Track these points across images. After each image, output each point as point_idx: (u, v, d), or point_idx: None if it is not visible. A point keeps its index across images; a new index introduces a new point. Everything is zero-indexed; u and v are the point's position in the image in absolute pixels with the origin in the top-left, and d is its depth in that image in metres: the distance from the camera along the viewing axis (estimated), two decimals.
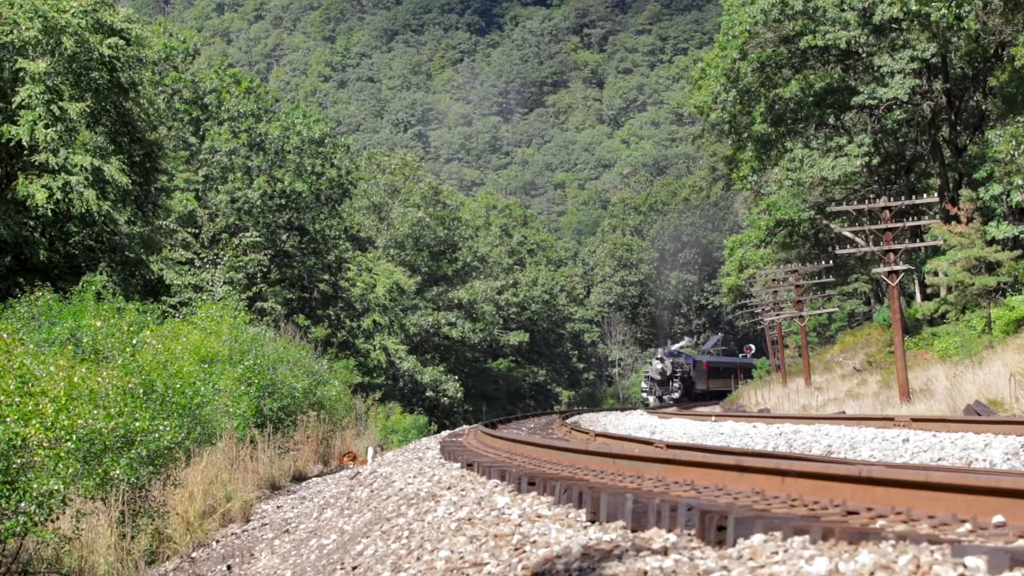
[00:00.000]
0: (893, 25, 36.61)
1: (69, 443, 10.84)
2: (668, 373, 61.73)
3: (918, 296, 42.44)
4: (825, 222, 43.21)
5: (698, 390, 62.17)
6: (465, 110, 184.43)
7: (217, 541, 14.19)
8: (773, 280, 45.51)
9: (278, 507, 16.80)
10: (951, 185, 38.74)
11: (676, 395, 60.75)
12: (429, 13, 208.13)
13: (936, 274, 35.76)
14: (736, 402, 43.92)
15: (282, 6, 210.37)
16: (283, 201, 45.25)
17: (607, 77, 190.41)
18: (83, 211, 24.60)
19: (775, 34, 39.76)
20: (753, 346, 77.79)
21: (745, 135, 42.79)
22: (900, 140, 40.85)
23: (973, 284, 31.75)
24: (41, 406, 10.70)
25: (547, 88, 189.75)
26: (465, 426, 31.26)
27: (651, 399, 61.88)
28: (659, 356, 64.28)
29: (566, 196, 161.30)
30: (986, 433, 13.89)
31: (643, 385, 64.62)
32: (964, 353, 27.89)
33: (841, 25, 37.00)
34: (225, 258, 41.00)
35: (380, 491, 12.04)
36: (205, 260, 40.41)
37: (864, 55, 38.20)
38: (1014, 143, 30.44)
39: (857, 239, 36.36)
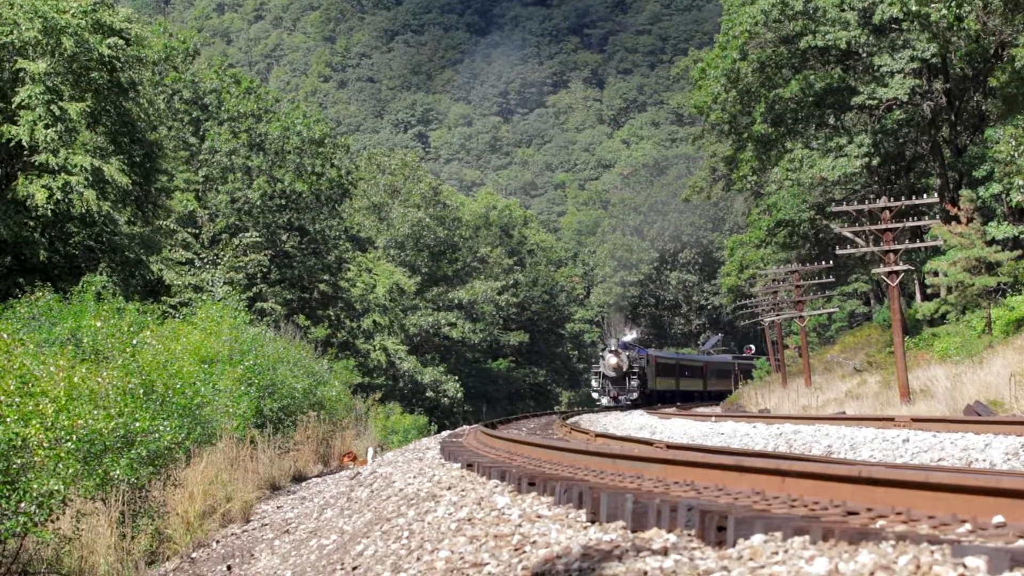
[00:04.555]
0: (893, 25, 36.61)
1: (69, 443, 10.84)
2: (624, 369, 53.23)
3: (918, 296, 42.42)
4: (825, 222, 43.20)
5: (648, 389, 54.93)
6: (465, 110, 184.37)
7: (217, 541, 14.19)
8: (773, 280, 45.53)
9: (278, 507, 16.79)
10: (951, 185, 38.72)
11: (634, 395, 52.96)
12: (429, 13, 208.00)
13: (936, 274, 35.75)
14: (736, 402, 43.93)
15: (282, 6, 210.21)
16: (283, 201, 45.26)
17: (607, 77, 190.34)
18: (83, 211, 24.62)
19: (775, 34, 39.73)
20: (753, 346, 77.90)
21: (745, 135, 42.77)
22: (900, 140, 40.83)
23: (973, 284, 31.74)
24: (41, 406, 10.69)
25: (547, 88, 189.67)
26: (465, 426, 31.24)
27: (604, 399, 53.88)
28: (612, 349, 54.75)
29: (566, 196, 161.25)
30: (986, 433, 13.87)
31: (593, 383, 56.16)
32: (964, 353, 27.88)
33: (841, 25, 36.98)
34: (225, 258, 40.99)
35: (380, 491, 12.04)
36: (205, 260, 40.39)
37: (864, 55, 38.19)
38: (1014, 143, 30.43)
39: (857, 239, 36.24)
